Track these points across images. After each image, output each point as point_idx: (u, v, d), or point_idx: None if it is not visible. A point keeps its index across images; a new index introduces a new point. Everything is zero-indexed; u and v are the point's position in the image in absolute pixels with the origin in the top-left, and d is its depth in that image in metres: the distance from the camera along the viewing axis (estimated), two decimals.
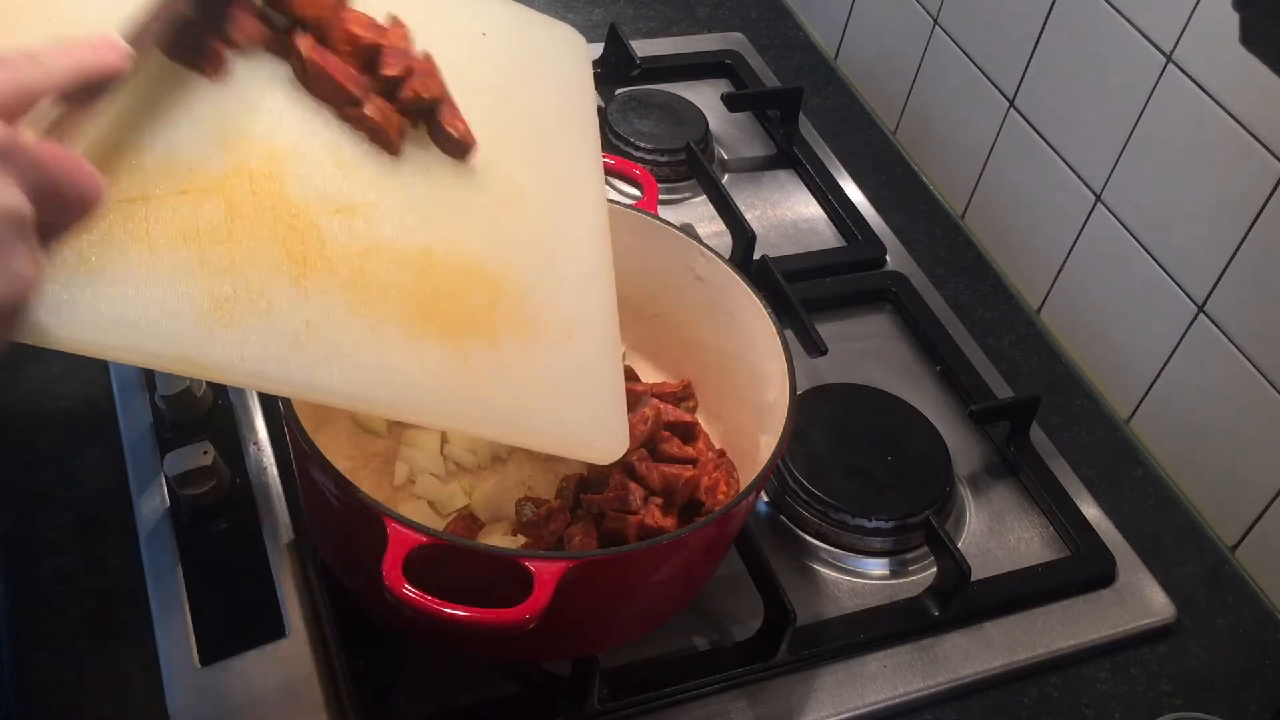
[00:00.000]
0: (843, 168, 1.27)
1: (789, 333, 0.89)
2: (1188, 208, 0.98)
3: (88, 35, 0.53)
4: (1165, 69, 0.98)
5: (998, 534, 0.96)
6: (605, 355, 0.76)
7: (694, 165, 1.17)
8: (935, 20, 1.25)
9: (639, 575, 0.72)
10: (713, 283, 0.87)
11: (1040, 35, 1.11)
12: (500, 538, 0.80)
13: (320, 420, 0.81)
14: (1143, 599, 0.93)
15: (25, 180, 0.47)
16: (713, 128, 1.26)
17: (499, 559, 0.65)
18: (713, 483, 0.83)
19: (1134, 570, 0.94)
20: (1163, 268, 1.02)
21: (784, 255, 1.12)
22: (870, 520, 0.91)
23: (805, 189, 1.25)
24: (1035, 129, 1.14)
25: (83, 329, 0.53)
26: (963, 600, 0.88)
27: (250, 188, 0.62)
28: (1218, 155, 0.94)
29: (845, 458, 0.94)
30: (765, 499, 0.94)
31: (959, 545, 0.89)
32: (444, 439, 0.85)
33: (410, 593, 0.61)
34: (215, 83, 0.64)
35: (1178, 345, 1.01)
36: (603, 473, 0.79)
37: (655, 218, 0.90)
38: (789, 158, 1.27)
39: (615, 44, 1.29)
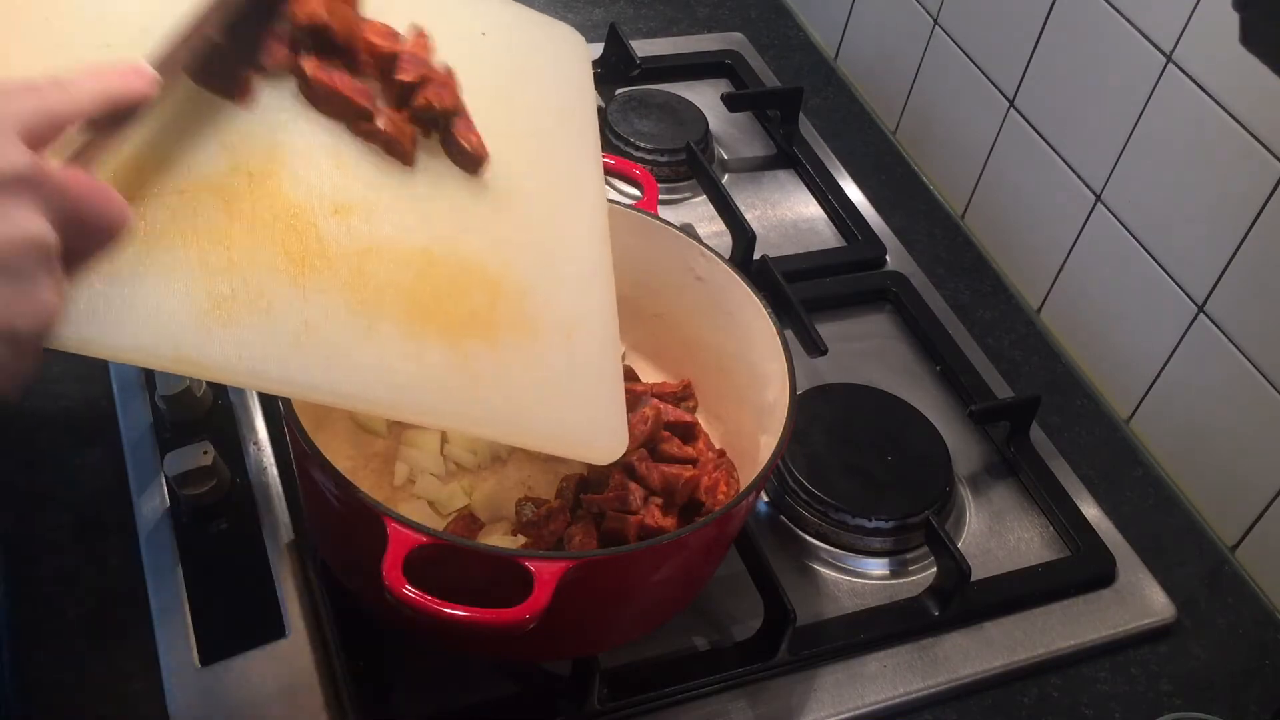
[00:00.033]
0: (843, 168, 1.27)
1: (789, 333, 0.89)
2: (1188, 208, 0.98)
3: (115, 61, 0.53)
4: (1165, 69, 0.98)
5: (998, 534, 0.96)
6: (605, 355, 0.76)
7: (694, 165, 1.17)
8: (935, 20, 1.25)
9: (639, 575, 0.72)
10: (713, 283, 0.87)
11: (1040, 35, 1.11)
12: (500, 538, 0.80)
13: (320, 420, 0.81)
14: (1143, 599, 0.93)
15: (51, 208, 0.47)
16: (713, 128, 1.26)
17: (499, 559, 0.65)
18: (713, 483, 0.83)
19: (1134, 570, 0.94)
20: (1163, 268, 1.02)
21: (784, 255, 1.12)
22: (870, 520, 0.91)
23: (805, 189, 1.25)
24: (1035, 129, 1.14)
25: (81, 328, 0.53)
26: (963, 600, 0.88)
27: (249, 187, 0.62)
28: (1218, 155, 0.94)
29: (845, 458, 0.94)
30: (765, 499, 0.94)
31: (959, 545, 0.89)
32: (444, 439, 0.85)
33: (410, 593, 0.61)
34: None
35: (1178, 345, 1.01)
36: (603, 473, 0.79)
37: (655, 218, 0.90)
38: (789, 158, 1.27)
39: (615, 44, 1.29)
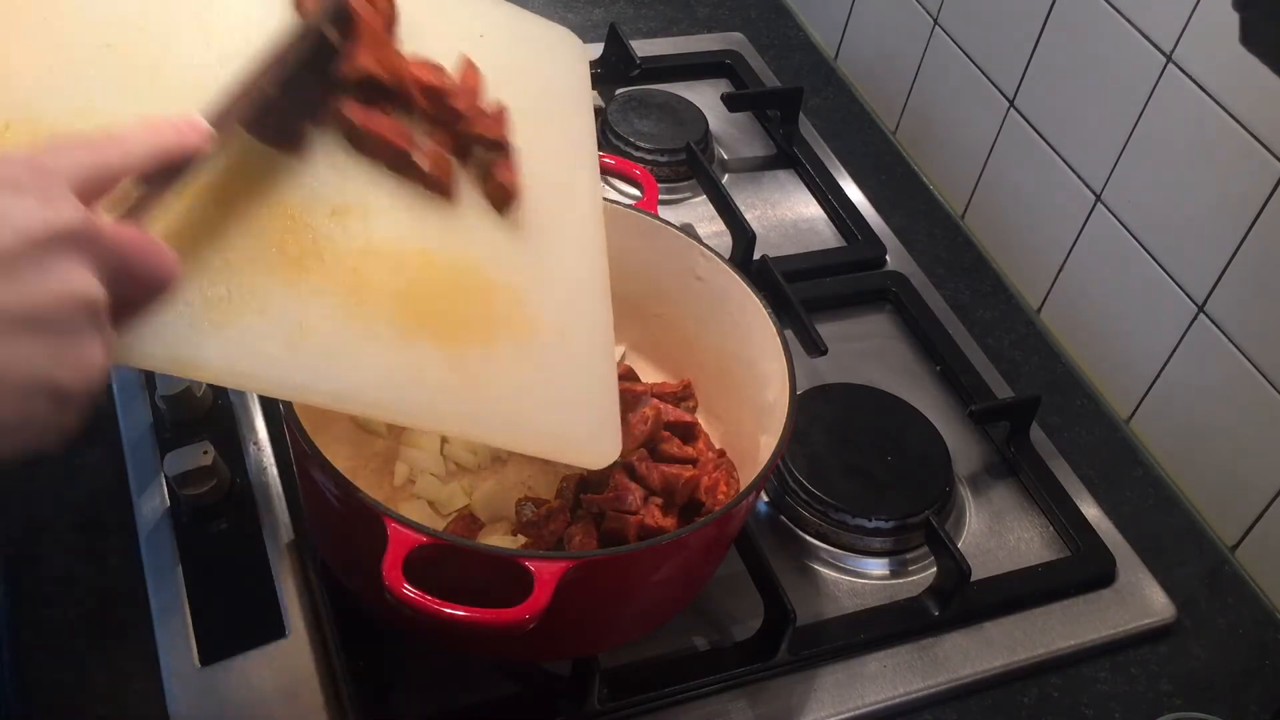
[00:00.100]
0: (843, 168, 1.27)
1: (789, 333, 0.89)
2: (1188, 208, 0.98)
3: (170, 115, 0.53)
4: (1165, 69, 0.98)
5: (998, 534, 0.96)
6: (599, 359, 0.76)
7: (694, 165, 1.17)
8: (935, 20, 1.25)
9: (639, 575, 0.72)
10: (713, 283, 0.87)
11: (1040, 35, 1.11)
12: (500, 538, 0.80)
13: (320, 420, 0.80)
14: (1143, 599, 0.93)
15: (101, 264, 0.47)
16: (713, 128, 1.26)
17: (499, 559, 0.65)
18: (713, 483, 0.83)
19: (1134, 570, 0.94)
20: (1163, 268, 1.02)
21: (784, 255, 1.12)
22: (870, 520, 0.91)
23: (805, 189, 1.25)
24: (1035, 129, 1.14)
25: None
26: (963, 600, 0.88)
27: (245, 188, 0.62)
28: (1218, 155, 0.94)
29: (845, 458, 0.94)
30: (765, 499, 0.94)
31: (959, 545, 0.89)
32: (444, 439, 0.85)
33: (410, 593, 0.61)
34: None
35: (1178, 345, 1.01)
36: (603, 473, 0.79)
37: (655, 218, 0.90)
38: (789, 158, 1.27)
39: (615, 44, 1.29)
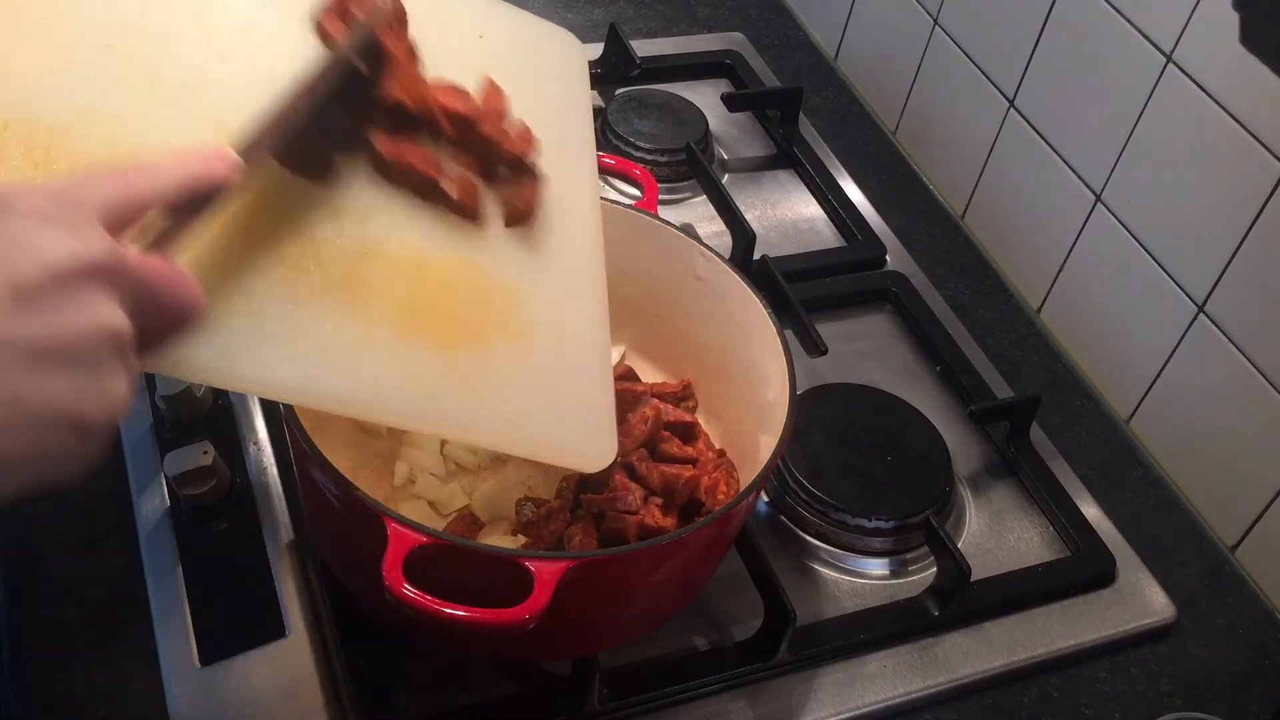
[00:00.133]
0: (843, 168, 1.27)
1: (789, 333, 0.89)
2: (1188, 208, 0.98)
3: (199, 146, 0.53)
4: (1165, 69, 0.98)
5: (998, 534, 0.96)
6: (596, 362, 0.76)
7: (694, 165, 1.17)
8: (935, 20, 1.25)
9: (639, 575, 0.72)
10: (713, 283, 0.87)
11: (1040, 35, 1.11)
12: (500, 538, 0.80)
13: (320, 420, 0.80)
14: (1143, 599, 0.93)
15: (127, 296, 0.47)
16: (713, 128, 1.26)
17: (499, 559, 0.65)
18: (713, 483, 0.83)
19: (1134, 570, 0.94)
20: (1163, 268, 1.02)
21: (784, 255, 1.12)
22: (870, 520, 0.91)
23: (805, 189, 1.25)
24: (1035, 129, 1.14)
25: None
26: (963, 600, 0.88)
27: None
28: (1218, 155, 0.94)
29: (845, 458, 0.94)
30: (765, 499, 0.94)
31: (959, 545, 0.89)
32: (444, 439, 0.85)
33: (410, 593, 0.61)
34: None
35: (1178, 345, 1.01)
36: (603, 473, 0.79)
37: (655, 218, 0.90)
38: (789, 158, 1.27)
39: (615, 44, 1.29)
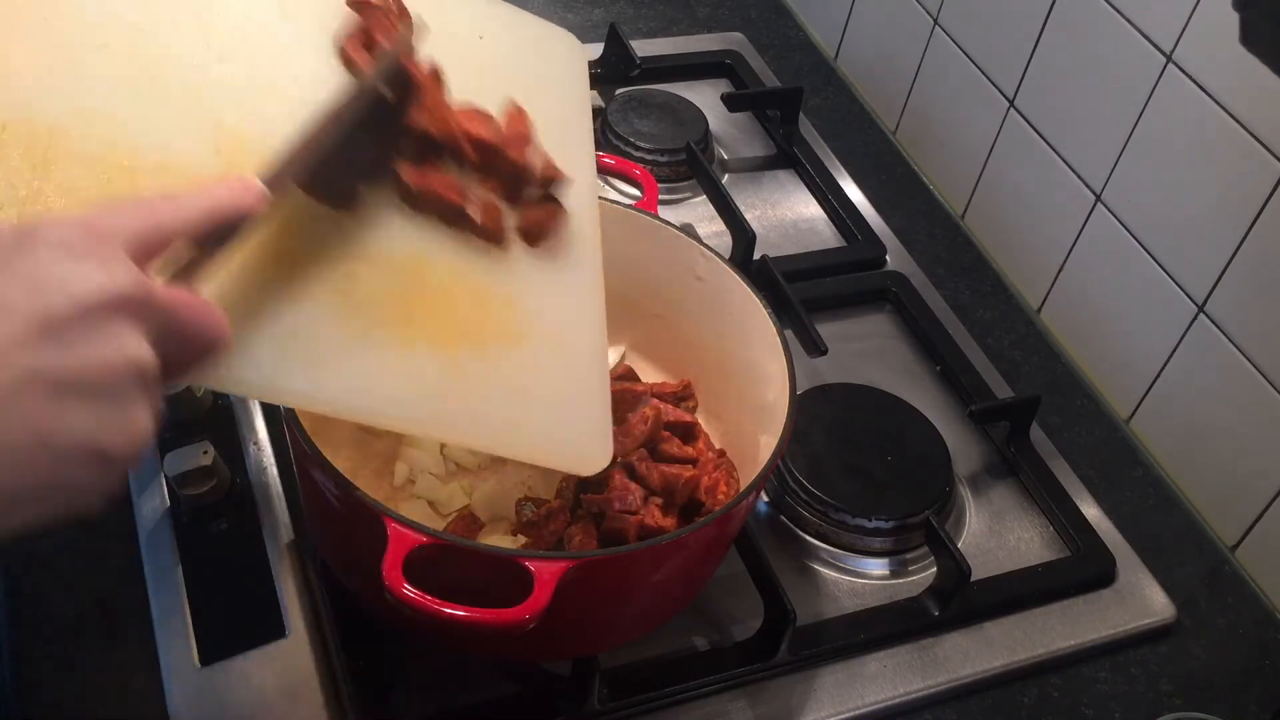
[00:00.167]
0: (843, 168, 1.27)
1: (789, 333, 0.89)
2: (1188, 208, 0.98)
3: (225, 177, 0.54)
4: (1165, 69, 0.98)
5: (998, 534, 0.96)
6: (592, 365, 0.76)
7: (694, 165, 1.17)
8: (935, 20, 1.25)
9: (639, 575, 0.72)
10: (713, 283, 0.87)
11: (1040, 35, 1.11)
12: (500, 538, 0.80)
13: (320, 420, 0.80)
14: (1143, 599, 0.93)
15: (152, 328, 0.47)
16: (713, 128, 1.26)
17: (499, 559, 0.65)
18: (713, 483, 0.83)
19: (1134, 570, 0.94)
20: (1163, 268, 1.02)
21: (784, 255, 1.12)
22: (870, 520, 0.91)
23: (805, 189, 1.25)
24: (1035, 129, 1.14)
25: None
26: (963, 600, 0.88)
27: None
28: (1218, 155, 0.94)
29: (845, 458, 0.94)
30: (765, 499, 0.94)
31: (959, 545, 0.89)
32: None
33: (410, 593, 0.61)
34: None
35: (1178, 345, 1.01)
36: (603, 473, 0.79)
37: (655, 218, 0.90)
38: (789, 158, 1.27)
39: (615, 44, 1.29)
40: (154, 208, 0.50)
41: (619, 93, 1.27)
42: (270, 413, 0.91)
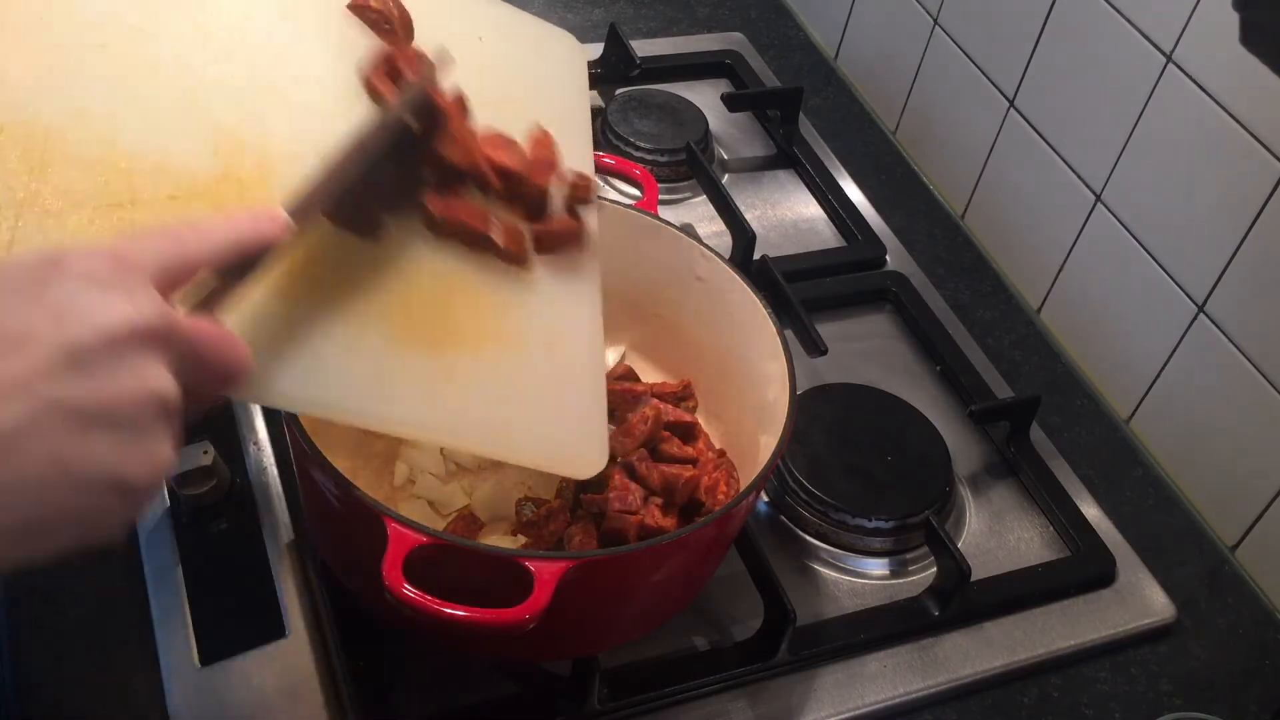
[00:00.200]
0: (843, 168, 1.27)
1: (789, 333, 0.89)
2: (1188, 208, 0.98)
3: (250, 207, 0.54)
4: (1165, 69, 0.98)
5: (998, 534, 0.96)
6: (588, 369, 0.76)
7: (694, 165, 1.17)
8: (935, 20, 1.25)
9: (639, 575, 0.72)
10: (713, 283, 0.87)
11: (1040, 35, 1.11)
12: (500, 538, 0.80)
13: (320, 421, 0.80)
14: (1143, 599, 0.93)
15: (175, 359, 0.47)
16: (713, 128, 1.26)
17: (499, 559, 0.65)
18: (713, 483, 0.83)
19: (1134, 570, 0.94)
20: (1163, 268, 1.02)
21: (784, 255, 1.12)
22: (870, 520, 0.91)
23: (805, 189, 1.25)
24: (1035, 129, 1.14)
25: None
26: (963, 600, 0.88)
27: (239, 194, 0.62)
28: (1218, 155, 0.94)
29: (845, 458, 0.94)
30: (765, 499, 0.94)
31: (959, 545, 0.89)
32: None
33: (410, 593, 0.61)
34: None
35: (1178, 345, 1.01)
36: (603, 473, 0.79)
37: (655, 218, 0.90)
38: (789, 158, 1.27)
39: (615, 44, 1.29)
40: (180, 238, 0.50)
41: (619, 93, 1.27)
42: (270, 413, 0.91)
